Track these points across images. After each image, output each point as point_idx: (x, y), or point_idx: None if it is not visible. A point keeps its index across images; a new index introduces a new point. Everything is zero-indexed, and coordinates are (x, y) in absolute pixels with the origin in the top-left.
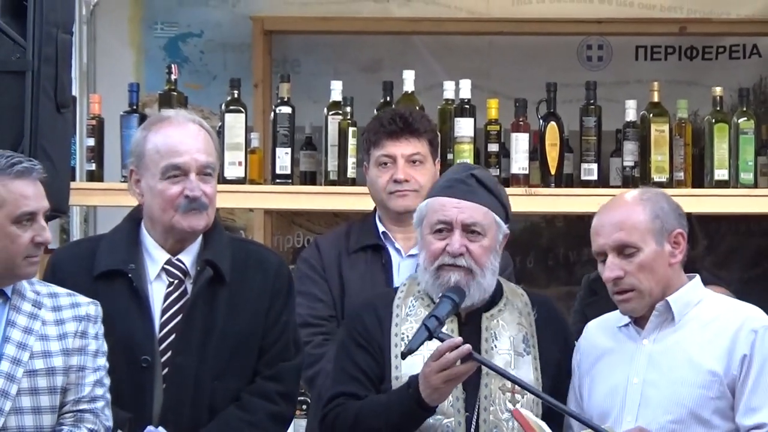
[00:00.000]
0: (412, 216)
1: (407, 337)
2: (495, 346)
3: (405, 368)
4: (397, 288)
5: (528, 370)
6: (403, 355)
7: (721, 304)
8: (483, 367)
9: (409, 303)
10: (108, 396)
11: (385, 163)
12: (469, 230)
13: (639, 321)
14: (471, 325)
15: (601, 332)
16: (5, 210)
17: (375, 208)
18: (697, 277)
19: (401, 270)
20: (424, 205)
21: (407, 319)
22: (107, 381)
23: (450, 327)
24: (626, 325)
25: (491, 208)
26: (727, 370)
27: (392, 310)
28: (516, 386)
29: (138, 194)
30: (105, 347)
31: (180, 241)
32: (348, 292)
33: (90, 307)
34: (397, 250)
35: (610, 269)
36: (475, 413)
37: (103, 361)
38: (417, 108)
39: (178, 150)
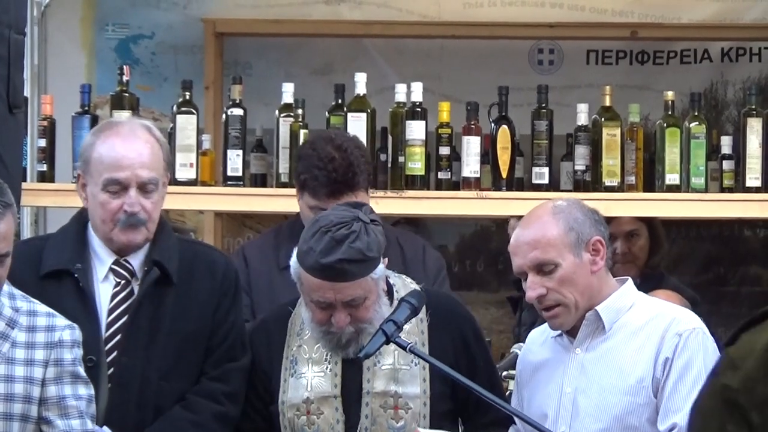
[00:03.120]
0: None
1: (297, 354)
2: (378, 362)
3: (291, 392)
4: (295, 300)
5: (414, 384)
6: (361, 358)
7: (651, 309)
8: (363, 384)
9: (300, 322)
10: (89, 425)
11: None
12: (351, 303)
13: (571, 330)
14: (352, 362)
15: (538, 343)
16: None
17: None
18: (629, 281)
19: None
20: (298, 272)
21: (297, 339)
22: (92, 408)
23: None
24: (560, 335)
25: (366, 273)
26: (654, 376)
27: (287, 328)
28: (398, 403)
29: (84, 198)
30: (83, 372)
31: (119, 251)
32: None
33: (66, 332)
34: None
35: (532, 288)
36: None
37: (84, 390)
38: (368, 111)
39: (120, 164)
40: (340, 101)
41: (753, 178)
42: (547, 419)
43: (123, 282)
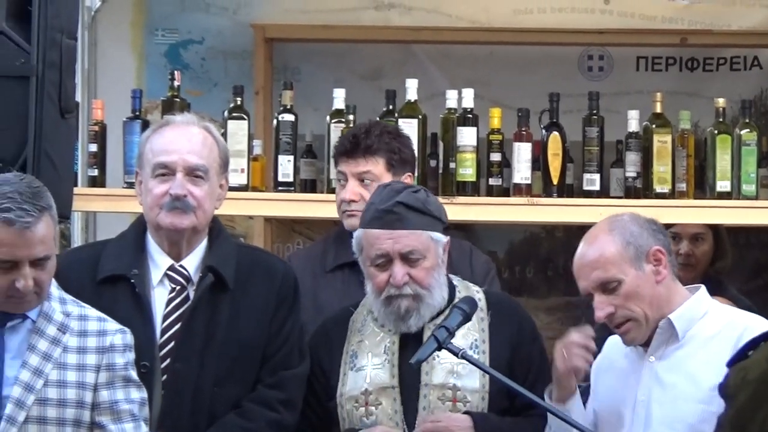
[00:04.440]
0: None
1: (358, 349)
2: (438, 355)
3: (350, 384)
4: (357, 303)
5: (473, 378)
6: (413, 365)
7: (723, 317)
8: (422, 377)
9: (361, 319)
10: (143, 429)
11: (340, 181)
12: (408, 258)
13: None
14: (414, 338)
15: (615, 349)
16: None
17: None
18: (702, 289)
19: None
20: (360, 235)
21: (357, 335)
22: (143, 412)
23: (393, 339)
24: None
25: (425, 228)
26: None
27: (348, 326)
28: (456, 396)
29: (139, 195)
30: (135, 375)
31: (172, 244)
32: (325, 311)
33: (117, 336)
34: None
35: (600, 308)
36: (414, 426)
37: (137, 394)
38: (419, 117)
39: (167, 149)
40: (391, 107)
41: None
42: (620, 427)
43: (178, 287)
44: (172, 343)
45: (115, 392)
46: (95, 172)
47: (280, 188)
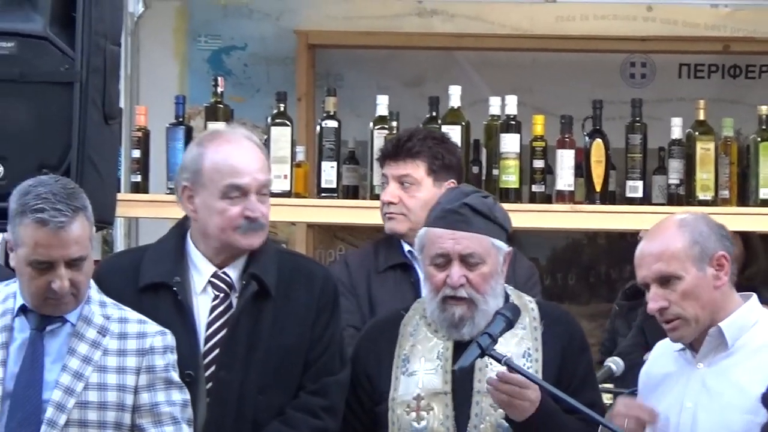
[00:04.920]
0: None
1: (410, 353)
2: (490, 362)
3: (402, 389)
4: (408, 306)
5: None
6: (455, 373)
7: None
8: (474, 383)
9: (414, 323)
10: (184, 431)
11: (382, 184)
12: (467, 260)
13: (695, 344)
14: (465, 347)
15: (663, 355)
16: (22, 251)
17: None
18: (754, 297)
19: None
20: (423, 234)
21: (410, 339)
22: (185, 414)
23: (446, 345)
24: (683, 349)
25: (488, 233)
26: None
27: (399, 330)
28: None
29: (191, 210)
30: (177, 377)
31: (233, 257)
32: (378, 309)
33: (157, 338)
34: None
35: (654, 300)
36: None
37: (178, 395)
38: (463, 124)
39: (239, 170)
40: (434, 113)
41: None
42: None
43: (222, 295)
44: (216, 351)
45: (155, 394)
46: (138, 178)
47: (323, 194)
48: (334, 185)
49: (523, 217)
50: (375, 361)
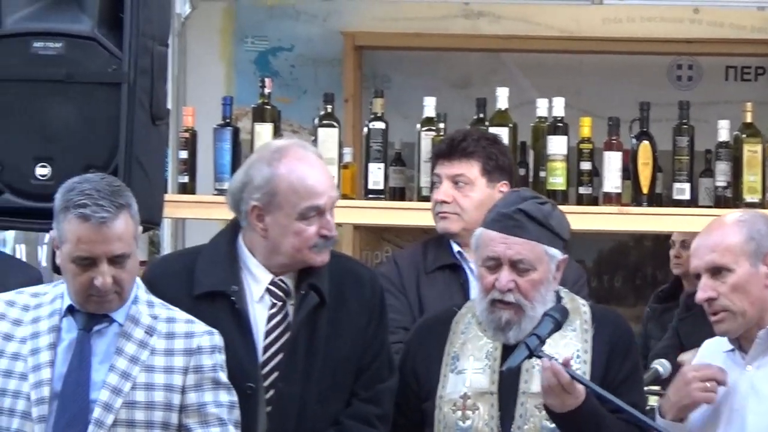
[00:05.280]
0: (466, 237)
1: (460, 351)
2: (536, 364)
3: (450, 387)
4: (462, 305)
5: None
6: (503, 373)
7: None
8: (520, 384)
9: (465, 321)
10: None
11: (435, 184)
12: (517, 266)
13: (743, 346)
14: (512, 350)
15: (711, 355)
16: (66, 247)
17: None
18: None
19: (476, 289)
20: (478, 234)
21: (460, 337)
22: (232, 415)
23: (495, 345)
24: (732, 350)
25: (541, 240)
26: None
27: (450, 327)
28: None
29: (261, 228)
30: (225, 377)
31: (282, 271)
32: (427, 309)
33: (204, 338)
34: (472, 270)
35: (703, 290)
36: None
37: (226, 397)
38: (510, 126)
39: (317, 192)
40: (481, 115)
41: None
42: None
43: (280, 303)
44: (276, 361)
45: (203, 395)
46: (185, 179)
47: (369, 196)
48: (381, 186)
49: (570, 219)
50: (424, 358)
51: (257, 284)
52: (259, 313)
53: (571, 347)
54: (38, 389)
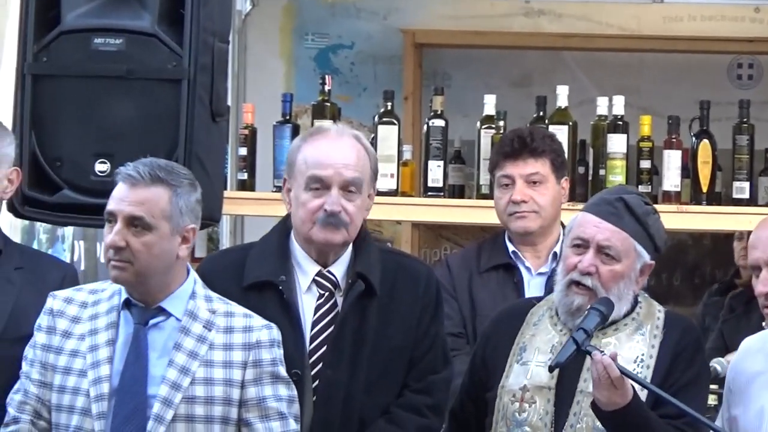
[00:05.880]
0: (537, 235)
1: (528, 343)
2: None
3: (513, 378)
4: (541, 297)
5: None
6: (551, 369)
7: None
8: (579, 382)
9: (540, 312)
10: (292, 425)
11: (506, 184)
12: (604, 252)
13: None
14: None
15: (755, 352)
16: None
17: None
18: None
19: (531, 288)
20: (574, 217)
21: (531, 328)
22: (292, 409)
23: (561, 340)
24: None
25: (633, 235)
26: None
27: (524, 319)
28: None
29: (287, 203)
30: (284, 371)
31: (320, 254)
32: (479, 311)
33: (263, 332)
34: (527, 269)
35: (764, 283)
36: (561, 429)
37: (285, 391)
38: (570, 124)
39: (322, 162)
40: (541, 113)
41: None
42: None
43: (327, 294)
44: (323, 350)
45: (262, 389)
46: (245, 176)
47: (429, 193)
48: (440, 184)
49: None
50: (495, 347)
51: (304, 276)
52: (307, 303)
53: (635, 350)
54: (97, 386)
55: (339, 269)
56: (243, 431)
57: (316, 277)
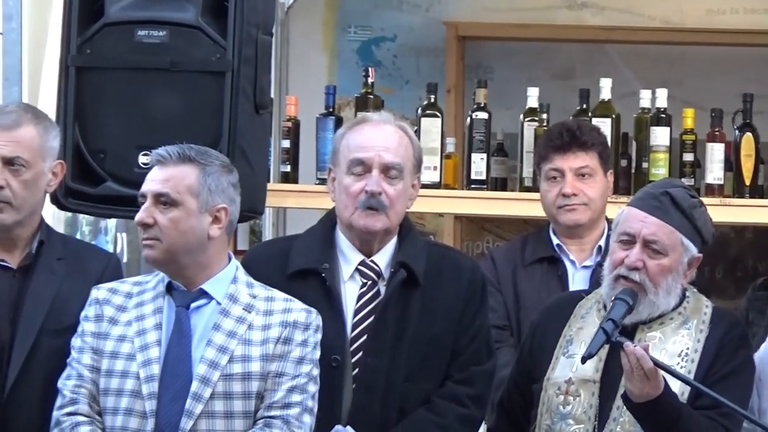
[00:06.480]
0: (585, 228)
1: (575, 335)
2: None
3: (558, 370)
4: (591, 289)
5: (674, 383)
6: (583, 360)
7: None
8: (623, 377)
9: (588, 305)
10: (309, 404)
11: (554, 177)
12: (650, 247)
13: None
14: (625, 337)
15: None
16: None
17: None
18: None
19: (575, 281)
20: (620, 212)
21: (579, 321)
22: (312, 388)
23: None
24: None
25: (679, 229)
26: None
27: (573, 311)
28: None
29: (332, 192)
30: (315, 355)
31: (364, 242)
32: (523, 303)
33: (301, 313)
34: (572, 262)
35: None
36: (605, 423)
37: (308, 369)
38: (613, 116)
39: (364, 146)
40: (584, 106)
41: None
42: None
43: (369, 282)
44: (364, 338)
45: (286, 365)
46: (288, 168)
47: (472, 186)
48: (483, 177)
49: None
50: (542, 339)
51: (348, 264)
52: (350, 291)
53: (680, 345)
54: (147, 367)
55: (383, 259)
56: (257, 403)
57: (359, 266)
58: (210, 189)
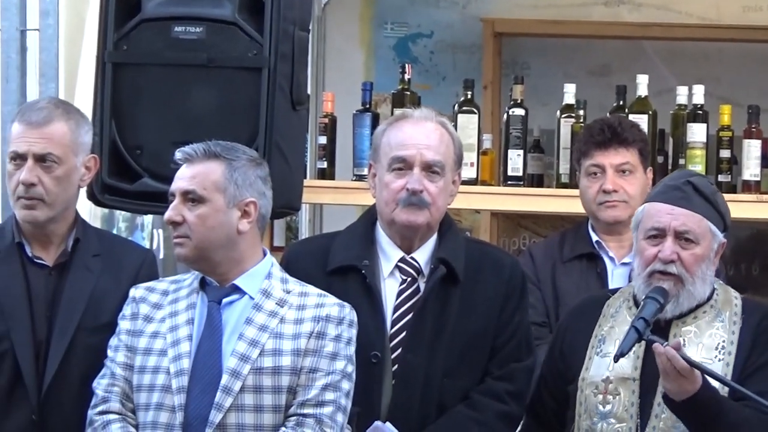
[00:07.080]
0: (624, 225)
1: (607, 334)
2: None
3: (593, 370)
4: (616, 289)
5: (712, 380)
6: (616, 358)
7: None
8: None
9: (617, 304)
10: (343, 402)
11: (595, 173)
12: (682, 237)
13: None
14: (660, 332)
15: None
16: None
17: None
18: None
19: (614, 278)
20: (641, 210)
21: (609, 320)
22: (345, 385)
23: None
24: None
25: (706, 216)
26: None
27: (601, 311)
28: None
29: (372, 188)
30: (349, 351)
31: (404, 238)
32: (562, 300)
33: (334, 308)
34: (611, 259)
35: None
36: (647, 420)
37: (342, 365)
38: (650, 113)
39: (405, 143)
40: (621, 102)
41: None
42: None
43: (409, 279)
44: (403, 334)
45: (319, 360)
46: (324, 165)
47: (508, 182)
48: (520, 173)
49: None
50: (573, 340)
51: (388, 261)
52: (390, 288)
53: (716, 338)
54: (177, 362)
55: (423, 255)
56: (288, 397)
57: (399, 263)
58: (237, 183)
